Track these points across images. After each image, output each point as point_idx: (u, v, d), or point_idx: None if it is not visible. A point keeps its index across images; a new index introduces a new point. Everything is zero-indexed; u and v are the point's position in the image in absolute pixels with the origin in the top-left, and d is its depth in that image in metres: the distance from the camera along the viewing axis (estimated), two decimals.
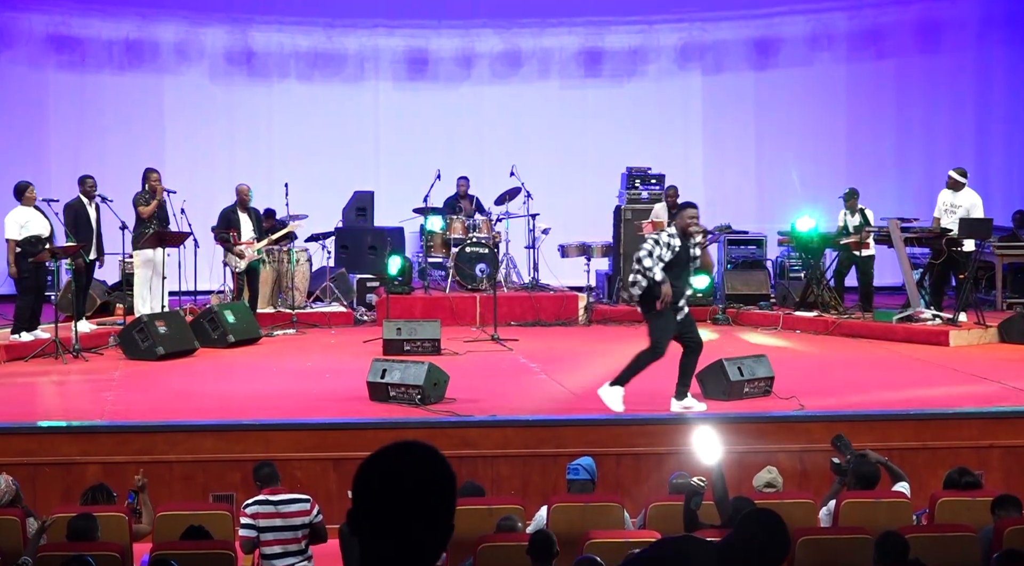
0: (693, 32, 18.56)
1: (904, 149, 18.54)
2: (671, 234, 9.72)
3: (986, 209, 14.70)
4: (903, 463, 9.16)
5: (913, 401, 10.42)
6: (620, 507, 7.71)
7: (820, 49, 18.58)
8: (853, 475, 7.90)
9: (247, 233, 14.44)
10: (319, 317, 15.03)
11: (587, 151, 18.30)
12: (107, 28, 17.78)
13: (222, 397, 10.79)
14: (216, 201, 14.79)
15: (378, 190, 17.34)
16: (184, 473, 9.20)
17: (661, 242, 9.66)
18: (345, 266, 16.28)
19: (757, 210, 17.90)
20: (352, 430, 9.50)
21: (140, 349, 12.46)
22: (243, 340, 13.40)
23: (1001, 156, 18.64)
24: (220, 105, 18.00)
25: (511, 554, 6.59)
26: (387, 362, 10.65)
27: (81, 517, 7.01)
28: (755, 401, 10.36)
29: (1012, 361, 12.39)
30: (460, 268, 15.38)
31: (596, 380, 11.52)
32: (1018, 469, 9.62)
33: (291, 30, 18.27)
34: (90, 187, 13.39)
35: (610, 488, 9.04)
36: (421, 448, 2.60)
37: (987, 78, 18.66)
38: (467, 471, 9.25)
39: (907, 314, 13.86)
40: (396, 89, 18.46)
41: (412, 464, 2.57)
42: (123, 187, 14.07)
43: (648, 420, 9.78)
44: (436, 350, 12.76)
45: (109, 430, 9.41)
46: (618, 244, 16.00)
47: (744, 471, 8.79)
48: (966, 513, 7.39)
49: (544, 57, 18.54)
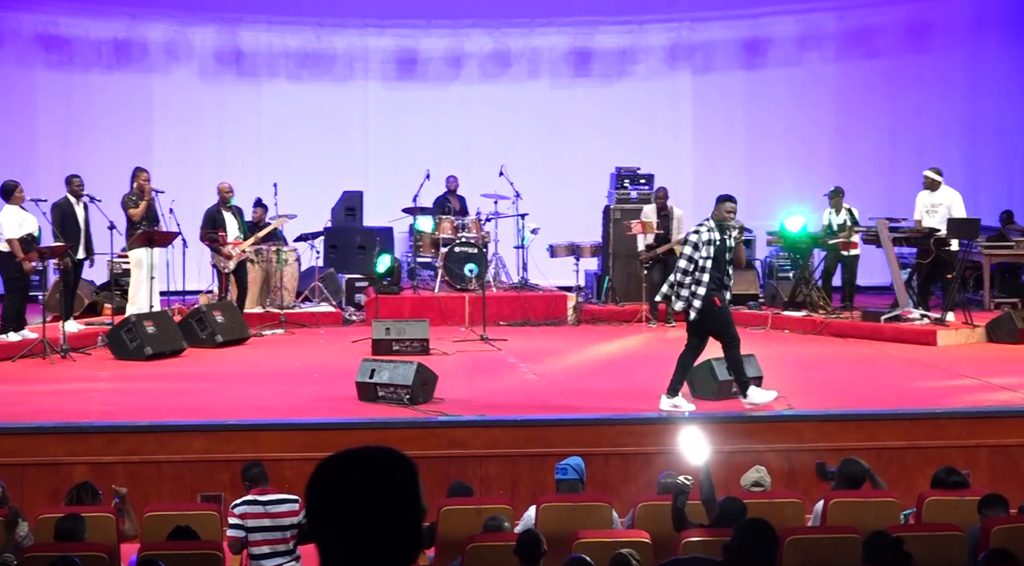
0: (682, 32, 18.57)
1: (892, 149, 18.57)
2: (709, 228, 9.77)
3: (974, 209, 14.76)
4: (891, 462, 9.20)
5: (901, 401, 10.44)
6: (608, 507, 7.72)
7: (809, 49, 18.60)
8: (839, 475, 7.93)
9: (233, 232, 14.43)
10: (308, 317, 15.01)
11: (576, 151, 18.30)
12: (96, 28, 17.74)
13: (210, 397, 10.78)
14: (205, 201, 14.77)
15: (367, 190, 17.33)
16: (172, 473, 9.18)
17: (701, 241, 9.69)
18: (334, 266, 16.27)
19: (746, 210, 17.82)
20: (341, 430, 9.49)
21: (128, 349, 12.44)
22: (231, 340, 13.39)
23: (989, 156, 18.68)
24: (209, 105, 17.97)
25: (499, 554, 6.59)
26: (376, 362, 10.65)
27: (68, 517, 7.00)
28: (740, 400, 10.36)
29: (999, 361, 12.43)
30: (449, 268, 15.37)
31: (585, 380, 11.56)
32: (1005, 468, 9.65)
33: (280, 30, 18.25)
34: (77, 186, 13.36)
35: (598, 488, 9.04)
36: (379, 453, 2.51)
37: (975, 78, 18.69)
38: (456, 471, 9.26)
39: (895, 314, 13.89)
40: (385, 89, 18.45)
41: (363, 470, 2.48)
42: (111, 187, 14.04)
43: (636, 420, 9.79)
44: (425, 350, 12.76)
45: (97, 430, 9.39)
46: (607, 244, 16.01)
47: (732, 470, 8.80)
48: (953, 512, 7.41)
49: (533, 57, 18.54)
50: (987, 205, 16.94)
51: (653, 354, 13.03)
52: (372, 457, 2.51)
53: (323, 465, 2.52)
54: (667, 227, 14.96)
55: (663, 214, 15.00)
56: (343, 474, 2.49)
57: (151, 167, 14.41)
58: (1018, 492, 8.70)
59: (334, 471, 2.50)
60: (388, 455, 2.52)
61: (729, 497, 7.32)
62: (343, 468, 2.50)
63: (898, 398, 10.56)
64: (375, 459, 2.51)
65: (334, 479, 2.49)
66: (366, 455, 2.51)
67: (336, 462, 2.51)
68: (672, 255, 14.95)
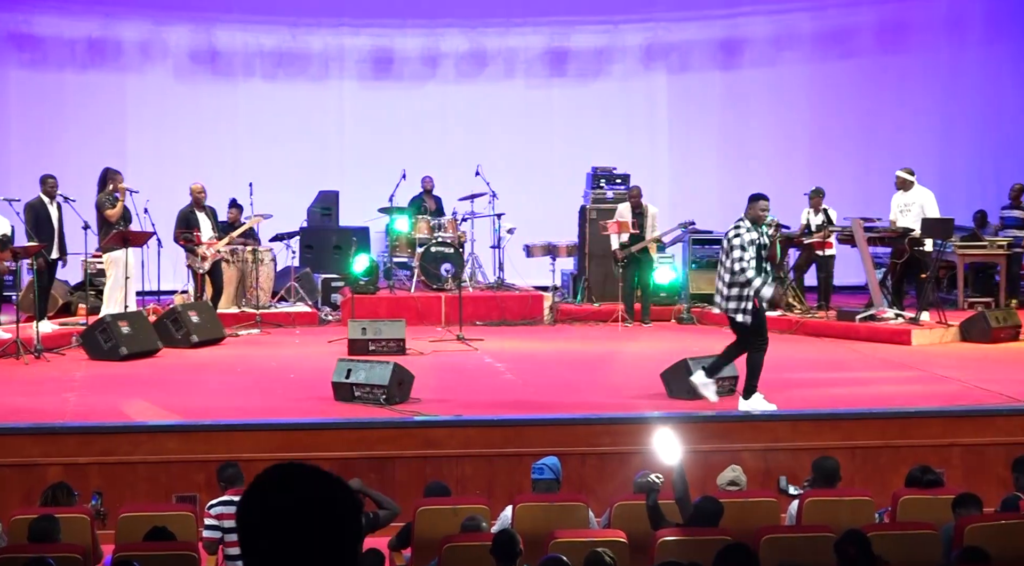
0: (658, 32, 18.61)
1: (867, 149, 18.65)
2: (747, 228, 9.80)
3: (948, 209, 14.83)
4: (865, 462, 9.24)
5: (876, 400, 10.49)
6: (585, 506, 7.73)
7: (784, 49, 18.67)
8: (814, 471, 7.96)
9: (207, 233, 14.39)
10: (283, 317, 14.98)
11: (552, 151, 18.32)
12: (69, 27, 17.66)
13: (185, 398, 10.73)
14: (180, 201, 14.72)
15: (343, 190, 17.31)
16: (147, 474, 9.15)
17: (745, 242, 9.71)
18: (310, 266, 16.24)
19: (722, 209, 17.92)
20: (317, 430, 9.48)
21: (103, 349, 12.38)
22: (207, 340, 13.35)
23: (963, 156, 18.78)
24: (184, 104, 17.90)
25: (476, 554, 6.59)
26: (352, 362, 10.63)
27: (43, 518, 6.96)
28: (720, 400, 10.39)
29: (973, 360, 12.49)
30: (425, 268, 15.36)
31: (561, 380, 11.56)
32: (978, 467, 9.70)
33: (255, 29, 18.20)
34: (51, 186, 13.30)
35: (575, 487, 9.05)
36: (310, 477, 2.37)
37: (950, 79, 18.80)
38: (432, 471, 9.26)
39: (870, 313, 13.95)
40: (361, 88, 18.42)
41: (294, 494, 2.35)
42: (85, 187, 13.97)
43: (612, 420, 9.81)
44: (401, 350, 12.74)
45: (71, 431, 9.34)
46: (583, 244, 16.02)
47: (708, 470, 8.82)
48: (927, 511, 7.44)
49: (509, 57, 18.54)
50: (962, 205, 17.03)
51: (629, 354, 13.06)
52: (304, 479, 2.38)
53: (251, 489, 2.40)
54: (642, 224, 14.97)
55: (638, 212, 15.01)
56: (273, 499, 2.36)
57: (125, 167, 14.35)
58: (991, 491, 8.75)
59: (262, 496, 2.37)
60: (319, 479, 2.39)
61: (706, 496, 7.35)
62: (273, 492, 2.37)
63: (872, 397, 10.60)
64: (308, 481, 2.38)
65: (263, 505, 2.36)
66: (295, 477, 2.38)
67: (265, 486, 2.38)
68: (646, 253, 14.99)
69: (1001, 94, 18.83)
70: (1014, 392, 10.62)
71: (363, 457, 9.31)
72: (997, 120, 18.84)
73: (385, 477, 9.21)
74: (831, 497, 7.75)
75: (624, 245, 14.94)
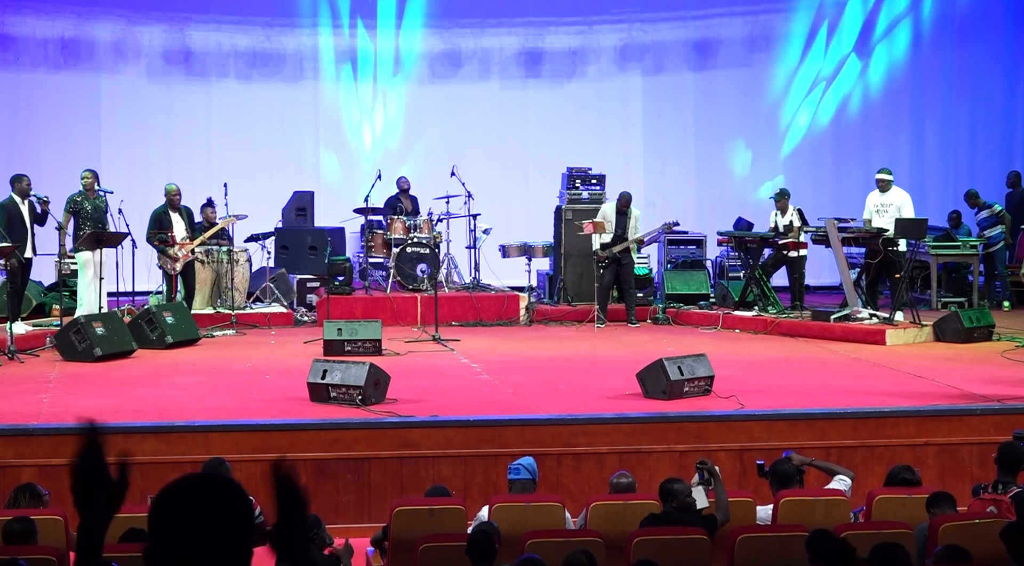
0: (633, 33, 18.63)
1: (840, 150, 18.72)
2: None
3: (922, 210, 14.92)
4: (840, 461, 9.26)
5: (851, 400, 10.53)
6: (561, 507, 7.74)
7: (758, 50, 18.73)
8: (771, 474, 7.98)
9: (180, 233, 14.35)
10: (259, 318, 14.94)
11: (527, 151, 18.33)
12: (42, 26, 17.56)
13: (160, 399, 10.70)
14: (154, 201, 14.67)
15: (318, 190, 17.27)
16: None
17: None
18: (285, 266, 16.20)
19: (697, 210, 18.01)
20: (293, 431, 9.47)
21: (77, 351, 12.32)
22: (182, 341, 13.30)
23: (936, 157, 18.88)
24: (158, 104, 17.83)
25: (452, 554, 6.59)
26: (328, 363, 10.61)
27: (17, 520, 6.92)
28: (695, 400, 10.42)
29: (947, 360, 12.57)
30: (401, 268, 15.35)
31: (537, 380, 11.57)
32: (953, 466, 9.76)
33: (229, 29, 18.14)
34: (26, 186, 13.23)
35: (551, 488, 9.07)
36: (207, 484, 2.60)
37: (921, 79, 18.89)
38: (408, 472, 9.26)
39: (844, 313, 14.01)
40: (335, 89, 18.38)
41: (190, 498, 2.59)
42: (59, 187, 13.91)
43: (588, 420, 9.82)
44: (377, 351, 12.73)
45: (45, 432, 9.30)
46: (559, 244, 16.03)
47: (684, 471, 8.84)
48: (903, 510, 7.48)
49: (484, 57, 18.54)
50: (935, 206, 17.14)
51: (604, 355, 13.07)
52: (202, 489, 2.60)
53: (159, 496, 2.63)
54: (624, 225, 14.97)
55: (623, 212, 14.99)
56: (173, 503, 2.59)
57: (99, 167, 14.31)
58: (965, 490, 8.79)
59: (165, 501, 2.61)
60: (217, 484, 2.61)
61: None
62: (174, 497, 2.60)
63: (847, 397, 10.64)
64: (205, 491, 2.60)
65: (165, 510, 2.59)
66: (195, 487, 2.61)
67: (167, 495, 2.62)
68: (627, 254, 15.00)
69: (975, 94, 18.90)
70: (987, 391, 10.69)
71: (339, 458, 9.31)
72: (969, 121, 18.93)
73: (361, 478, 9.21)
74: (806, 497, 7.77)
75: (605, 245, 14.94)
